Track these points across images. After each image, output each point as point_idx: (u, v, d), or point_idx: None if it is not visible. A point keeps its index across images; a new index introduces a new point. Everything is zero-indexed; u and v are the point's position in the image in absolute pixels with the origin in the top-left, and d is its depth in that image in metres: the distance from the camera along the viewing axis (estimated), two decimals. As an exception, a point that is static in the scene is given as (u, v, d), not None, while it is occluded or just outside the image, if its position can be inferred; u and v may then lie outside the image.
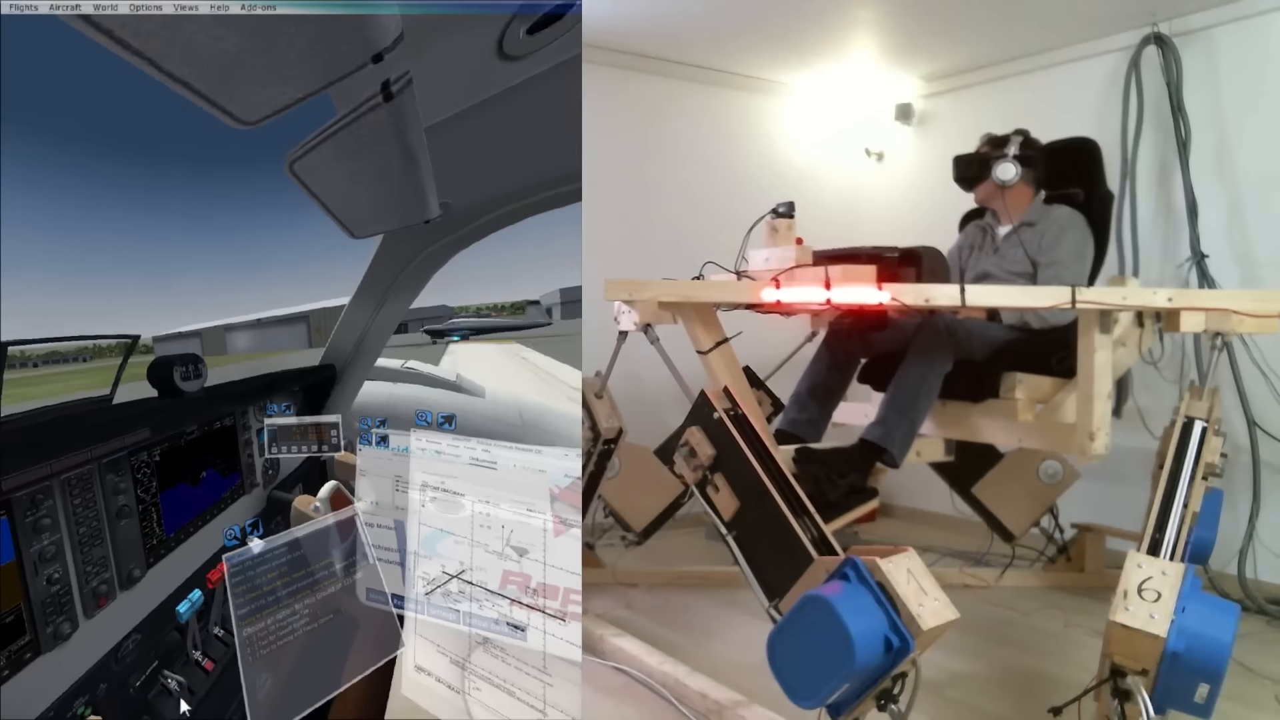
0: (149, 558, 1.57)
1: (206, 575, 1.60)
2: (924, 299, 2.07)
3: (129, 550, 1.50)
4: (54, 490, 1.31)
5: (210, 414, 2.01)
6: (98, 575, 1.41)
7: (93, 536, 1.40)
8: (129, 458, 1.53)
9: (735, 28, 3.33)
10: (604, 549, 3.01)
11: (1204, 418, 1.98)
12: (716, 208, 2.48)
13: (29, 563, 1.24)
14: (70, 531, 1.34)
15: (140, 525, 1.54)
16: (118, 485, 1.49)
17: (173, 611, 1.49)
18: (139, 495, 1.55)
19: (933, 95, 3.92)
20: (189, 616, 1.50)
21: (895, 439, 2.37)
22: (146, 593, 1.53)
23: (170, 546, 1.65)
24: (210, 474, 1.95)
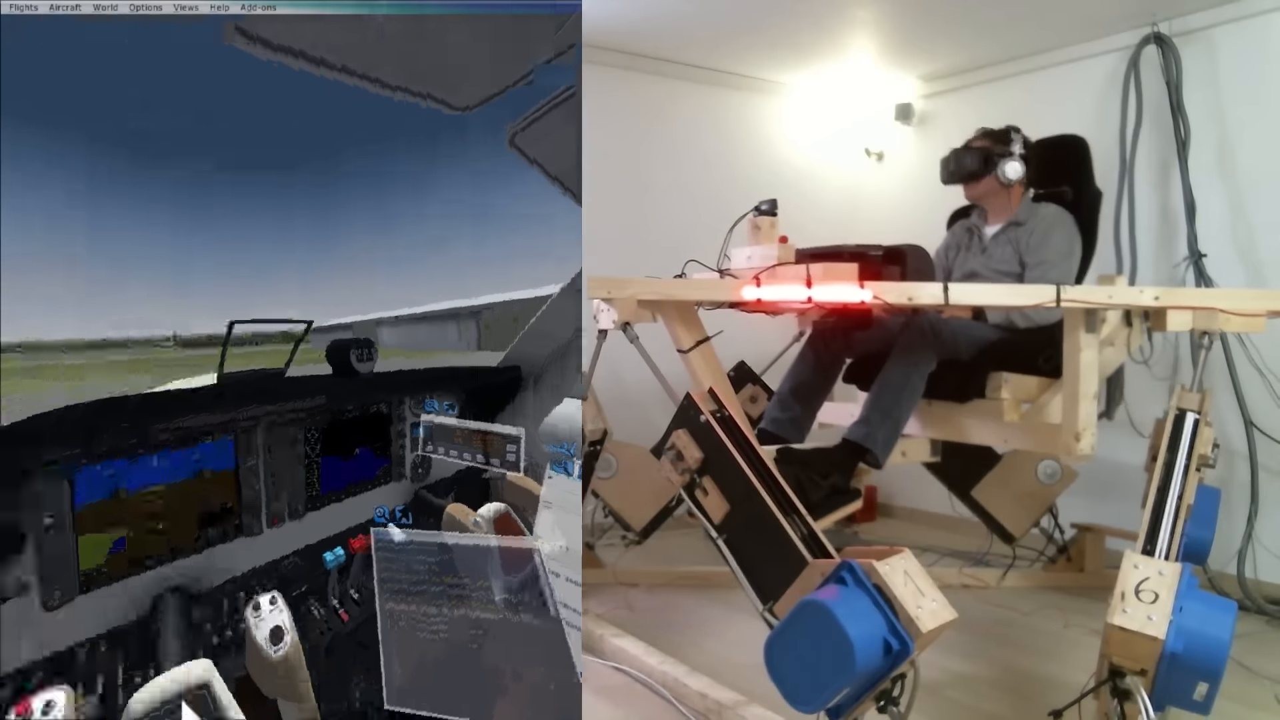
0: (309, 504, 1.97)
1: (350, 540, 1.77)
2: (907, 297, 2.06)
3: (297, 492, 1.93)
4: (258, 429, 1.82)
5: (374, 396, 2.16)
6: (277, 500, 1.89)
7: (279, 472, 1.88)
8: (306, 418, 1.93)
9: (734, 28, 3.33)
10: (604, 549, 3.02)
11: (1195, 409, 1.98)
12: (716, 208, 2.47)
13: (242, 473, 1.79)
14: (265, 461, 1.84)
15: (306, 476, 1.95)
16: (295, 437, 1.92)
17: (320, 557, 1.77)
18: (307, 451, 1.95)
19: (933, 95, 3.92)
20: (333, 566, 1.75)
21: (878, 439, 2.36)
22: (305, 530, 1.95)
23: (324, 502, 2.02)
24: (363, 453, 2.16)
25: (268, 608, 1.27)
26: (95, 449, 1.44)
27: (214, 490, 1.73)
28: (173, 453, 1.63)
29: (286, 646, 1.22)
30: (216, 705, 1.14)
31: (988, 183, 2.64)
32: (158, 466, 1.59)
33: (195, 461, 1.69)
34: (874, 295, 2.01)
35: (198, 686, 1.13)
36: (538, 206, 2.02)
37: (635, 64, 3.63)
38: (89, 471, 1.43)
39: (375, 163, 2.49)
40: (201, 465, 1.71)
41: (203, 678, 1.14)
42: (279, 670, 1.22)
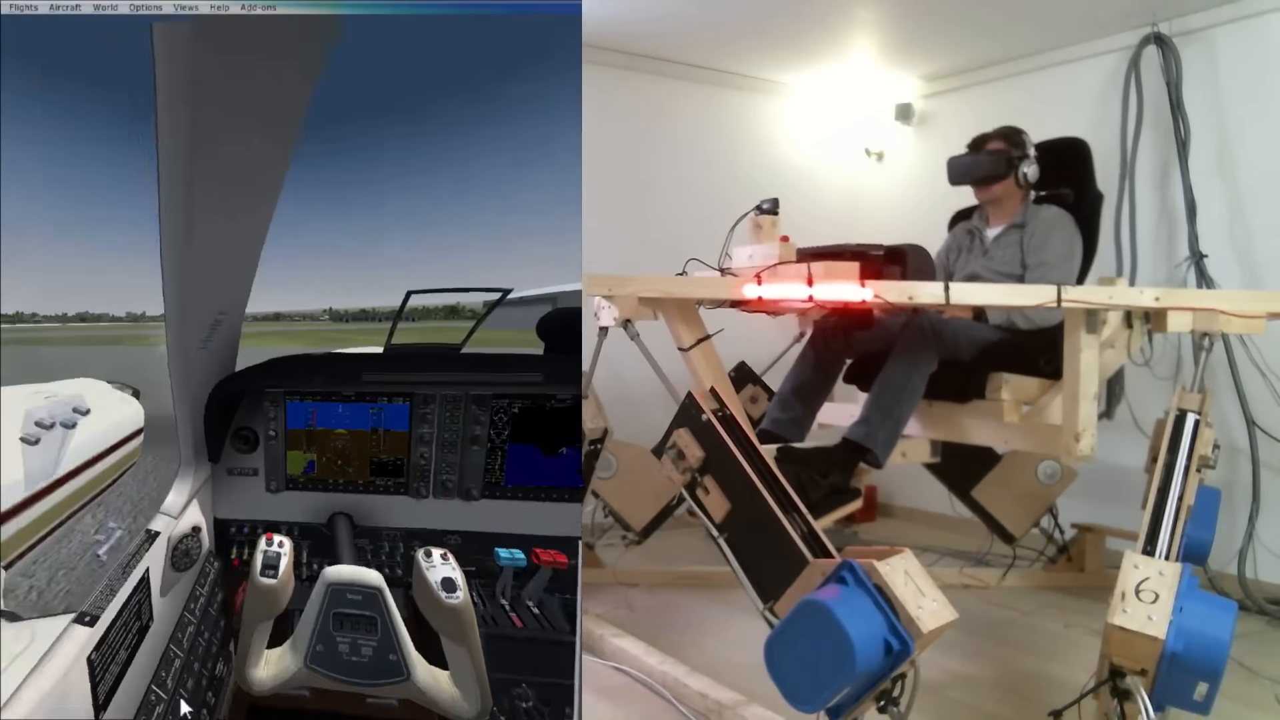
0: (485, 491, 1.94)
1: (534, 549, 1.76)
2: (908, 297, 2.06)
3: (471, 472, 1.93)
4: (435, 399, 1.90)
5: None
6: (447, 473, 1.94)
7: (451, 444, 1.92)
8: (491, 399, 1.90)
9: (735, 28, 3.33)
10: (604, 549, 3.02)
11: (1196, 410, 1.98)
12: (716, 208, 2.47)
13: (414, 438, 1.92)
14: (439, 432, 1.91)
15: (485, 459, 1.93)
16: (478, 416, 1.92)
17: (493, 550, 1.79)
18: (490, 434, 1.92)
19: (933, 95, 3.92)
20: (506, 565, 1.76)
21: (879, 439, 2.36)
22: (476, 514, 1.93)
23: (505, 494, 1.95)
24: (571, 454, 1.96)
25: (439, 559, 1.33)
26: (304, 387, 1.91)
27: (387, 446, 1.94)
28: (355, 404, 1.92)
29: (459, 599, 1.28)
30: (388, 611, 1.32)
31: (1005, 185, 2.63)
32: (343, 413, 1.93)
33: (374, 416, 1.93)
34: (875, 294, 2.01)
35: (373, 588, 1.32)
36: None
37: (635, 64, 3.63)
38: (295, 405, 1.92)
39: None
40: (379, 422, 1.94)
41: (377, 584, 1.33)
42: (450, 614, 1.29)
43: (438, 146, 3.09)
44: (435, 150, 3.03)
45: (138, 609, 1.38)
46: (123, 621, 1.30)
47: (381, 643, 1.32)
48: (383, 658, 1.32)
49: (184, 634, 1.57)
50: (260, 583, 1.33)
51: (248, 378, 1.88)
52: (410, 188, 2.83)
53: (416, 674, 1.33)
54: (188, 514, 1.71)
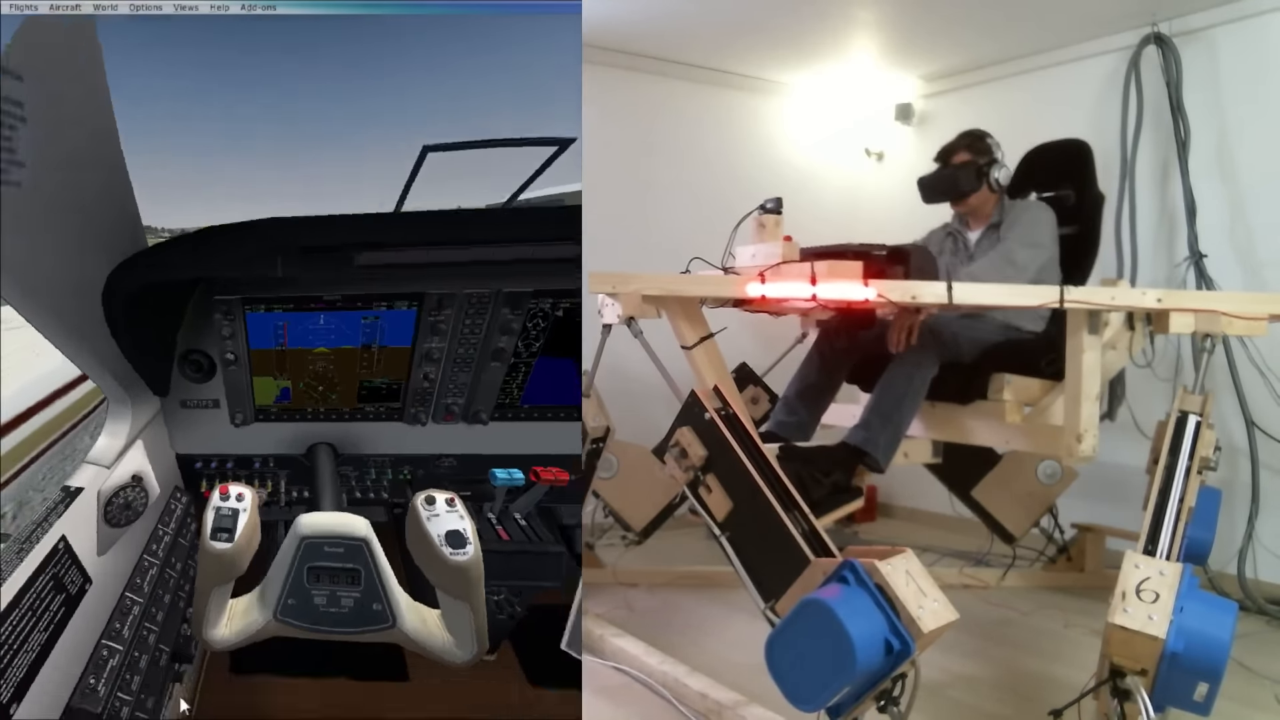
0: (496, 413, 1.73)
1: (535, 467, 1.64)
2: (911, 296, 2.06)
3: (486, 393, 1.69)
4: (454, 300, 1.53)
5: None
6: (453, 396, 1.68)
7: (464, 361, 1.63)
8: (530, 297, 1.55)
9: (735, 28, 3.33)
10: (604, 549, 3.01)
11: (1198, 412, 1.98)
12: (716, 208, 2.47)
13: (418, 355, 1.60)
14: (452, 346, 1.60)
15: (504, 378, 1.67)
16: (508, 322, 1.57)
17: (489, 470, 1.63)
18: (519, 347, 1.62)
19: (933, 95, 3.92)
20: (500, 485, 1.62)
21: (879, 443, 2.35)
22: (480, 438, 1.75)
23: (518, 415, 1.76)
24: (570, 364, 1.72)
25: (444, 507, 1.19)
26: (262, 285, 1.46)
27: (382, 366, 1.59)
28: (341, 313, 1.51)
29: (467, 556, 1.15)
30: (374, 562, 1.20)
31: (980, 194, 2.65)
32: (325, 326, 1.53)
33: (367, 329, 1.55)
34: (878, 293, 2.02)
35: (357, 539, 1.20)
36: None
37: (636, 64, 3.63)
38: (258, 318, 1.53)
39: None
40: (373, 336, 1.56)
41: (364, 535, 1.20)
42: (453, 573, 1.17)
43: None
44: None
45: (54, 584, 1.18)
46: (25, 609, 1.10)
47: (365, 593, 1.20)
48: (365, 607, 1.21)
49: (144, 578, 1.41)
50: (211, 548, 1.15)
51: (161, 262, 1.35)
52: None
53: (404, 620, 1.22)
54: (125, 461, 1.44)
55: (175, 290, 1.48)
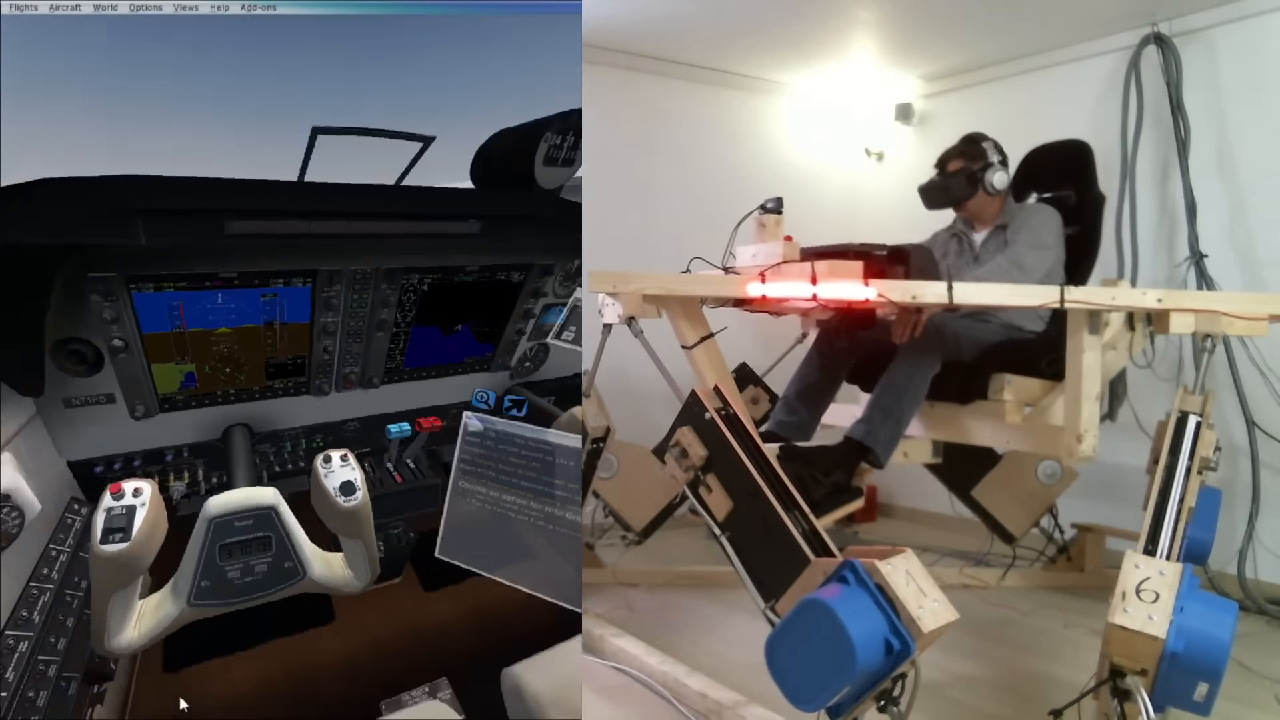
0: (386, 376, 1.88)
1: (419, 419, 1.84)
2: (911, 296, 2.06)
3: (375, 361, 1.83)
4: (343, 277, 1.61)
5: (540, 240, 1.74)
6: (350, 365, 1.80)
7: (356, 333, 1.74)
8: (402, 274, 1.70)
9: (735, 28, 3.33)
10: (604, 549, 3.02)
11: (1198, 412, 1.98)
12: (717, 208, 2.47)
13: (316, 330, 1.67)
14: (344, 321, 1.69)
15: (389, 345, 1.82)
16: (386, 296, 1.71)
17: (384, 428, 1.84)
18: (397, 318, 1.78)
19: (933, 95, 3.92)
20: (395, 438, 1.83)
21: (880, 438, 2.36)
22: (374, 400, 1.90)
23: (404, 377, 1.93)
24: (464, 331, 1.95)
25: (339, 463, 1.33)
26: (114, 248, 1.30)
27: (286, 343, 1.66)
28: (240, 291, 1.52)
29: (357, 500, 1.30)
30: (283, 525, 1.30)
31: (977, 198, 2.66)
32: (224, 305, 1.51)
33: (267, 307, 1.57)
34: (878, 293, 2.01)
35: (265, 508, 1.28)
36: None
37: (637, 64, 3.63)
38: (147, 299, 1.47)
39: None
40: (273, 315, 1.59)
41: (271, 502, 1.29)
42: (346, 517, 1.31)
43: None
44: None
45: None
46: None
47: (277, 555, 1.30)
48: (278, 568, 1.30)
49: (34, 607, 1.29)
50: (102, 552, 1.08)
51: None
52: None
53: (312, 569, 1.34)
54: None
55: (23, 265, 1.22)
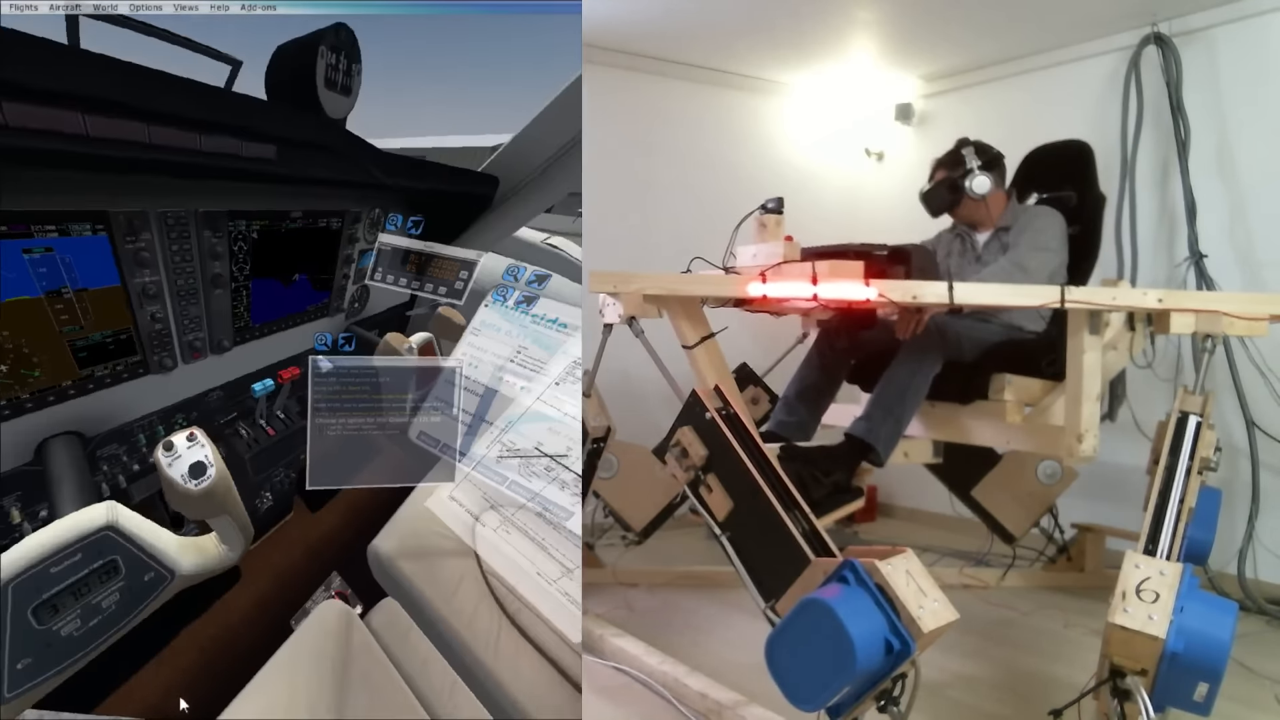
0: (236, 337, 1.75)
1: (279, 372, 1.79)
2: (912, 296, 2.06)
3: (220, 322, 1.65)
4: (148, 221, 1.32)
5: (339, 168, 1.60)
6: (193, 331, 1.58)
7: (189, 293, 1.51)
8: (225, 218, 1.49)
9: (735, 28, 3.33)
10: (604, 549, 3.02)
11: (1198, 413, 1.98)
12: (717, 208, 2.48)
13: (134, 294, 1.36)
14: (170, 279, 1.43)
15: (232, 303, 1.65)
16: (214, 248, 1.50)
17: (248, 388, 1.75)
18: (233, 272, 1.61)
19: (933, 95, 3.92)
20: (260, 395, 1.76)
21: (880, 436, 2.36)
22: (231, 364, 1.78)
23: (255, 334, 1.82)
24: (302, 280, 1.89)
25: (184, 445, 1.18)
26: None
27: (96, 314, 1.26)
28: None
29: (209, 480, 1.18)
30: (128, 539, 1.09)
31: (966, 204, 2.68)
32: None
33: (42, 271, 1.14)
34: (879, 293, 2.02)
35: (98, 530, 1.04)
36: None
37: (637, 64, 3.63)
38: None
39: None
40: (57, 280, 1.16)
41: (103, 521, 1.05)
42: (203, 500, 1.19)
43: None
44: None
45: None
46: None
47: (130, 574, 1.08)
48: (136, 585, 1.10)
49: None
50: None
51: None
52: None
53: (181, 565, 1.18)
54: None
55: None
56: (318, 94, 1.52)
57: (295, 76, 1.50)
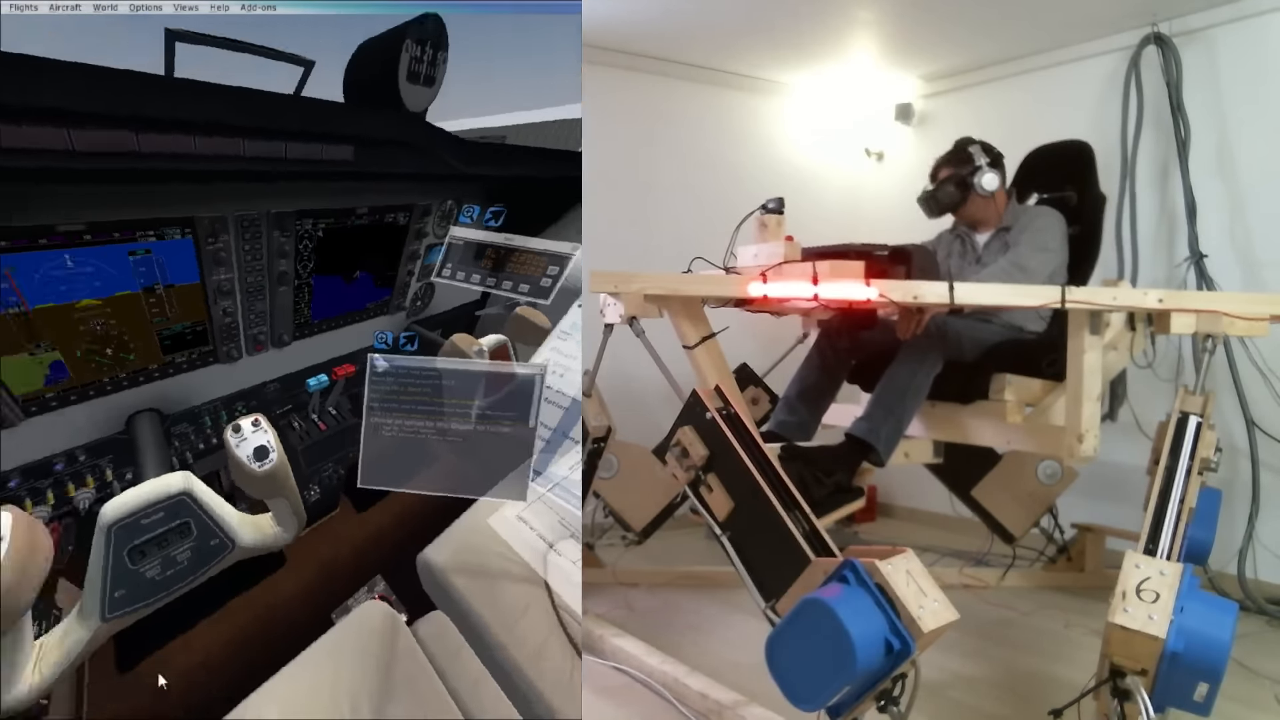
0: (296, 332, 1.82)
1: (334, 368, 1.83)
2: (913, 296, 2.06)
3: (282, 317, 1.74)
4: (227, 225, 1.45)
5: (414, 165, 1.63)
6: (257, 326, 1.69)
7: (257, 290, 1.62)
8: (294, 219, 1.58)
9: (735, 28, 3.33)
10: (604, 549, 3.02)
11: (1198, 413, 1.98)
12: (717, 208, 2.48)
13: (210, 290, 1.52)
14: (241, 277, 1.55)
15: (294, 299, 1.73)
16: (282, 246, 1.59)
17: (304, 382, 1.82)
18: (298, 269, 1.68)
19: (933, 95, 3.93)
20: (315, 390, 1.81)
21: (881, 436, 2.36)
22: (289, 358, 1.85)
23: (313, 330, 1.88)
24: (364, 277, 1.91)
25: (249, 429, 1.27)
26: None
27: (179, 309, 1.44)
28: (99, 249, 1.24)
29: (272, 463, 1.26)
30: (200, 507, 1.23)
31: (972, 202, 2.67)
32: (78, 271, 1.20)
33: (143, 267, 1.32)
34: (880, 293, 2.01)
35: (176, 495, 1.20)
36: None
37: (637, 64, 3.63)
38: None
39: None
40: (153, 277, 1.34)
41: (181, 488, 1.21)
42: (265, 481, 1.28)
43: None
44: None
45: None
46: None
47: (200, 537, 1.23)
48: (204, 548, 1.24)
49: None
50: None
51: None
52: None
53: (241, 538, 1.29)
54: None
55: None
56: (399, 89, 1.54)
57: (379, 73, 1.53)
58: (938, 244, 2.84)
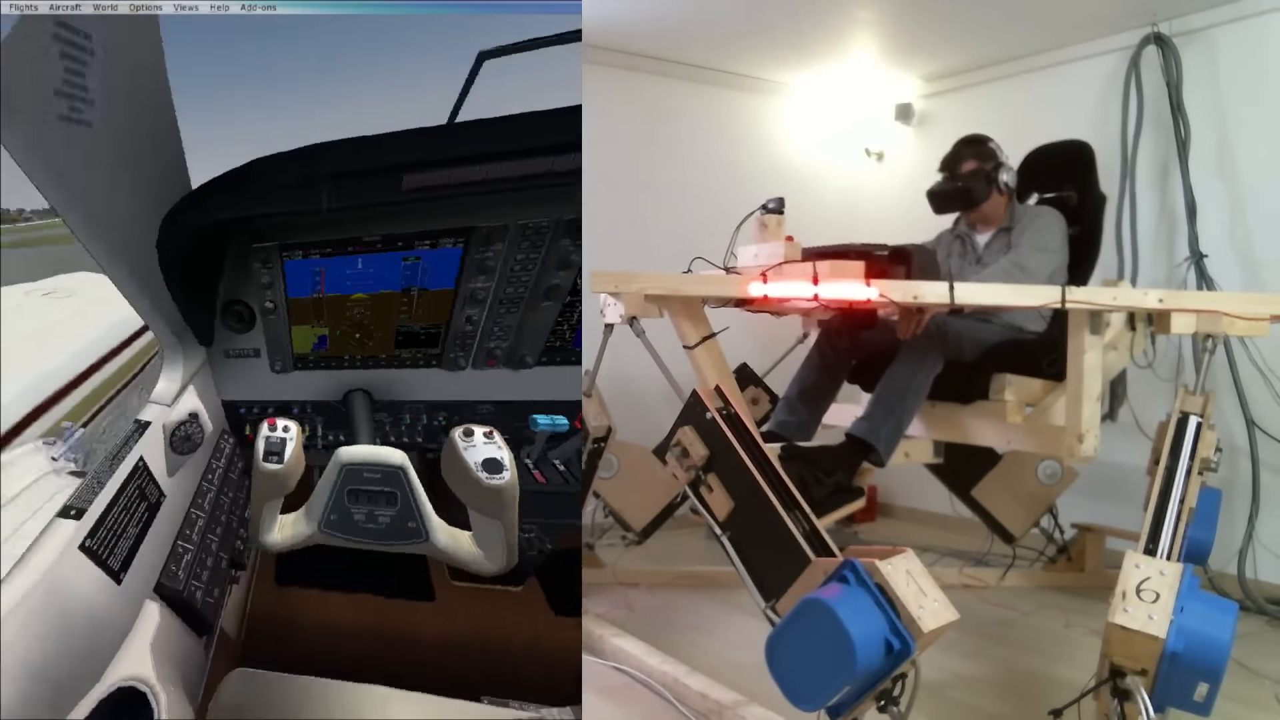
0: (543, 355, 1.64)
1: (578, 412, 1.70)
2: (913, 296, 2.06)
3: (533, 336, 1.59)
4: (506, 233, 1.41)
5: None
6: (497, 339, 1.60)
7: (511, 302, 1.52)
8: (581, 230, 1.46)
9: (735, 28, 3.33)
10: (604, 549, 3.01)
11: (1199, 413, 1.98)
12: (717, 208, 2.47)
13: (462, 297, 1.52)
14: (499, 287, 1.49)
15: (557, 318, 1.56)
16: (568, 256, 1.44)
17: (529, 415, 1.60)
18: (576, 283, 1.52)
19: (933, 95, 3.92)
20: (542, 430, 1.59)
21: (881, 435, 2.35)
22: (522, 383, 1.68)
23: (568, 359, 1.66)
24: None
25: (482, 439, 1.28)
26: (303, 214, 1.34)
27: (422, 310, 1.52)
28: (380, 255, 1.44)
29: (504, 480, 1.26)
30: (410, 487, 1.36)
31: (992, 200, 2.65)
32: (363, 270, 1.46)
33: (408, 271, 1.46)
34: (880, 293, 2.01)
35: (394, 467, 1.36)
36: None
37: (637, 64, 3.63)
38: (297, 265, 1.53)
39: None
40: (413, 281, 1.48)
41: (400, 463, 1.37)
42: (489, 495, 1.28)
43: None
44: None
45: (139, 492, 1.34)
46: (121, 507, 1.26)
47: (401, 512, 1.37)
48: (401, 524, 1.37)
49: (204, 499, 1.57)
50: (264, 468, 1.38)
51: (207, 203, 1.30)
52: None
53: (436, 537, 1.38)
54: (182, 401, 1.56)
55: (216, 239, 1.49)
56: None
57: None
58: (938, 244, 2.84)
